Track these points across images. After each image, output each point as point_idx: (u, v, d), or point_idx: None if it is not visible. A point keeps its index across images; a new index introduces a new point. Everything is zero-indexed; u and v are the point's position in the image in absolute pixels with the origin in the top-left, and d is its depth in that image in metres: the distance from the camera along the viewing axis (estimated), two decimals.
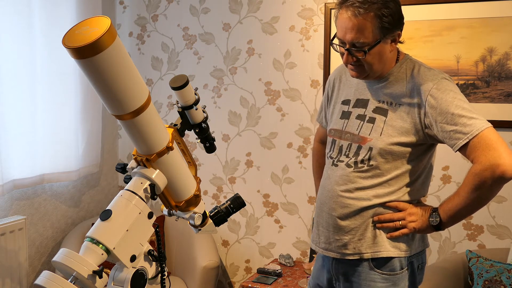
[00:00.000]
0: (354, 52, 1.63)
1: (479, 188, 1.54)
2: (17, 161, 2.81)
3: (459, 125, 1.56)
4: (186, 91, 1.39)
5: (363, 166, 1.71)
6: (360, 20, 1.58)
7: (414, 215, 1.69)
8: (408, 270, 1.74)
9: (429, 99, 1.60)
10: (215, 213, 1.55)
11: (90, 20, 1.11)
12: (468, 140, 1.55)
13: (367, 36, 1.60)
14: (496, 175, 1.50)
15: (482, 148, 1.53)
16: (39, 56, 2.89)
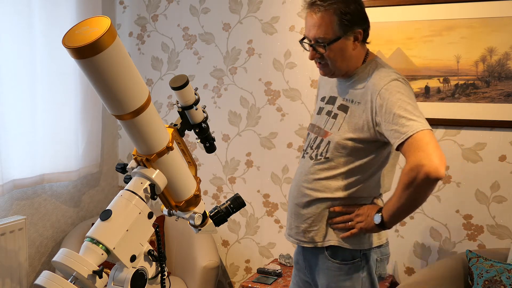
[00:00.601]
0: (317, 47, 1.75)
1: (408, 187, 1.61)
2: (17, 161, 2.81)
3: (398, 125, 1.63)
4: (186, 91, 1.40)
5: (321, 158, 1.82)
6: (320, 17, 1.72)
7: (361, 216, 1.77)
8: (362, 261, 1.81)
9: (378, 98, 1.69)
10: (215, 213, 1.55)
11: (90, 20, 1.11)
12: (404, 140, 1.62)
13: (328, 32, 1.72)
14: (420, 175, 1.57)
15: (413, 149, 1.60)
16: (39, 56, 2.89)
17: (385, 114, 1.66)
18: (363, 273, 1.81)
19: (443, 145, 2.83)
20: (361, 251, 1.81)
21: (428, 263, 2.92)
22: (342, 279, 1.80)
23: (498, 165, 2.72)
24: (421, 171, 1.56)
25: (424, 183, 1.58)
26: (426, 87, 2.83)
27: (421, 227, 2.92)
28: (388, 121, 1.65)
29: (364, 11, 1.78)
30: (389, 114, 1.65)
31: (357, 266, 1.81)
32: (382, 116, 1.67)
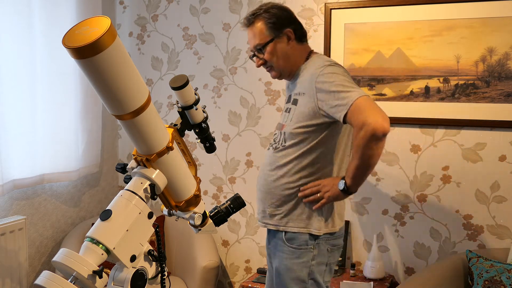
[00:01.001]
0: (258, 54, 2.02)
1: (360, 147, 1.79)
2: (17, 161, 2.81)
3: (340, 99, 1.82)
4: (186, 91, 1.40)
5: (279, 147, 2.05)
6: (252, 28, 2.00)
7: (327, 186, 1.95)
8: (314, 249, 1.98)
9: (316, 84, 1.89)
10: (215, 213, 1.55)
11: (90, 20, 1.11)
12: (347, 110, 1.79)
13: (261, 38, 1.99)
14: (368, 133, 1.75)
15: (356, 113, 1.77)
16: (39, 56, 2.89)
17: (326, 95, 1.86)
18: (313, 261, 1.97)
19: (443, 145, 2.83)
20: (315, 239, 1.97)
21: (428, 263, 2.92)
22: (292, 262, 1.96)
23: (498, 165, 2.72)
24: (368, 129, 1.74)
25: (373, 139, 1.75)
26: (426, 87, 2.83)
27: (421, 227, 2.92)
28: (330, 100, 1.85)
29: (290, 14, 2.04)
30: (329, 94, 1.85)
31: (308, 253, 1.96)
32: (323, 98, 1.87)
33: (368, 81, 2.95)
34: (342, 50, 2.99)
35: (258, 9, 2.02)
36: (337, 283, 2.81)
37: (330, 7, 2.97)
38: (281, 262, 1.98)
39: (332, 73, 1.87)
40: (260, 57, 2.02)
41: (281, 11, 2.02)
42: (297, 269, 1.95)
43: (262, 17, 2.00)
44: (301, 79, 2.01)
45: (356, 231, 3.08)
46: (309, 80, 1.93)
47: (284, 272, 1.97)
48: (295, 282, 1.95)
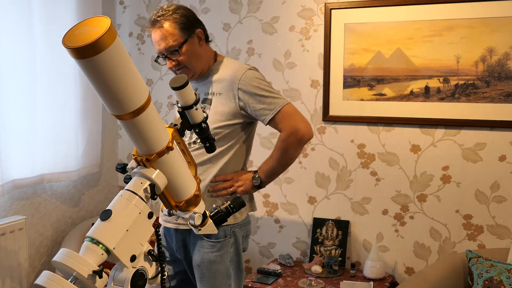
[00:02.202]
0: (171, 56, 1.98)
1: (287, 150, 1.99)
2: (17, 161, 2.80)
3: (266, 103, 1.96)
4: (186, 91, 1.40)
5: (195, 145, 2.04)
6: (165, 30, 1.95)
7: (240, 180, 2.04)
8: (231, 238, 2.03)
9: (240, 87, 1.96)
10: (215, 213, 1.55)
11: (90, 20, 1.11)
12: (274, 114, 1.96)
13: (175, 39, 1.95)
14: (297, 138, 1.96)
15: (285, 119, 1.96)
16: (39, 56, 2.89)
17: (250, 98, 1.96)
18: (231, 248, 2.04)
19: (443, 145, 2.83)
20: (231, 228, 2.02)
21: (428, 263, 2.92)
22: (214, 255, 2.01)
23: (498, 165, 2.72)
24: (298, 134, 1.96)
25: (301, 144, 1.99)
26: (426, 87, 2.83)
27: (421, 227, 2.92)
28: (254, 103, 1.96)
29: (195, 15, 2.05)
30: (254, 97, 1.96)
31: (227, 243, 2.02)
32: (247, 100, 1.96)
33: (368, 81, 2.95)
34: (342, 50, 2.99)
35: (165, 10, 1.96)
36: (337, 283, 2.82)
37: (330, 7, 2.97)
38: (203, 257, 2.01)
39: (256, 77, 1.99)
40: (174, 58, 1.98)
41: (188, 11, 2.01)
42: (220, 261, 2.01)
43: (172, 18, 1.96)
44: (215, 79, 2.03)
45: (356, 231, 3.08)
46: (229, 81, 1.98)
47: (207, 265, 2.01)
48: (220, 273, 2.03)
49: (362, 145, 3.01)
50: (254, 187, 2.06)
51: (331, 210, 3.13)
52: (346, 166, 3.07)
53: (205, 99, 2.05)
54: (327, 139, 3.10)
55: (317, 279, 2.82)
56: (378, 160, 2.98)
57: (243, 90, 1.97)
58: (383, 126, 2.95)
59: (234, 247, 2.05)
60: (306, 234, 3.22)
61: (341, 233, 3.07)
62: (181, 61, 1.98)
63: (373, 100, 2.95)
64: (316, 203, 3.17)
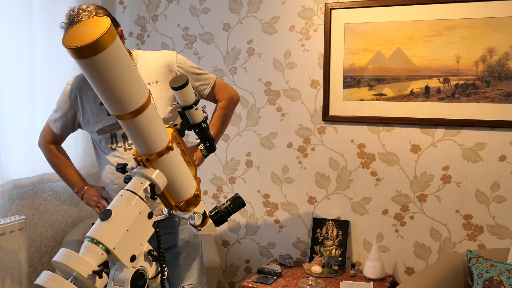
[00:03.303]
0: None
1: (227, 115, 2.29)
2: (17, 161, 2.80)
3: (202, 80, 2.19)
4: (186, 91, 1.40)
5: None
6: None
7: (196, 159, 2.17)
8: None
9: (178, 69, 2.12)
10: (215, 213, 1.55)
11: (90, 20, 1.11)
12: (211, 88, 2.21)
13: None
14: (234, 102, 2.31)
15: (221, 89, 2.25)
16: (39, 56, 2.89)
17: (190, 77, 2.13)
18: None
19: (443, 145, 2.83)
20: None
21: (428, 263, 2.92)
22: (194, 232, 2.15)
23: (498, 165, 2.72)
24: (234, 99, 2.30)
25: (235, 106, 2.32)
26: (426, 87, 2.83)
27: (421, 227, 2.92)
28: (193, 81, 2.15)
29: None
30: (192, 76, 2.15)
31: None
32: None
33: (368, 81, 2.95)
34: (342, 50, 2.99)
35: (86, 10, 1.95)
36: (337, 283, 2.81)
37: (330, 7, 2.97)
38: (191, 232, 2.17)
39: (187, 59, 2.19)
40: None
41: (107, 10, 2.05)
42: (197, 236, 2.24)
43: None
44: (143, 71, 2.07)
45: (356, 231, 3.08)
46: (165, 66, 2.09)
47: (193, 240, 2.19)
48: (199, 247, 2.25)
49: (362, 145, 3.01)
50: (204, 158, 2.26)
51: (331, 210, 3.13)
52: (346, 166, 3.07)
53: None
54: (327, 139, 3.09)
55: (317, 279, 2.82)
56: (378, 160, 2.98)
57: (181, 71, 2.13)
58: (383, 126, 2.95)
59: None
60: (306, 234, 3.21)
61: (341, 233, 3.07)
62: None
63: (373, 100, 2.95)
64: (316, 203, 3.17)
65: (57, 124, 2.27)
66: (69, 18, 1.93)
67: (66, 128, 2.28)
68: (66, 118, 2.24)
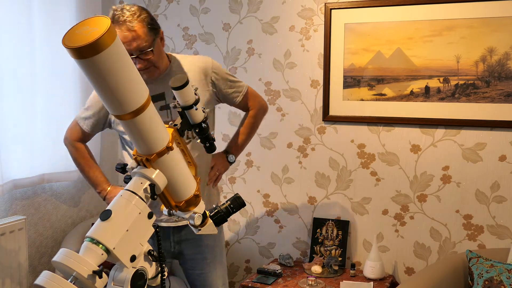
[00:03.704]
0: (143, 56, 1.99)
1: (256, 124, 2.36)
2: (17, 161, 2.80)
3: (235, 87, 2.22)
4: (186, 91, 1.40)
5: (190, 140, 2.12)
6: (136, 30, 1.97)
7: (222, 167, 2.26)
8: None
9: (213, 75, 2.15)
10: (215, 213, 1.55)
11: (90, 20, 1.11)
12: (243, 96, 2.24)
13: (146, 40, 1.98)
14: (263, 112, 2.37)
15: (252, 98, 2.29)
16: (39, 56, 2.89)
17: (224, 83, 2.17)
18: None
19: (443, 145, 2.83)
20: None
21: (428, 263, 2.92)
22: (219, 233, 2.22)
23: (498, 165, 2.72)
24: (264, 109, 2.36)
25: (263, 116, 2.38)
26: (426, 87, 2.83)
27: (421, 227, 2.92)
28: (227, 88, 2.19)
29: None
30: (226, 82, 2.19)
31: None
32: (220, 86, 2.16)
33: (368, 81, 2.95)
34: (342, 50, 2.99)
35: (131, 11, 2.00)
36: (337, 283, 2.81)
37: (330, 7, 2.97)
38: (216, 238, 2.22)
39: (220, 66, 2.22)
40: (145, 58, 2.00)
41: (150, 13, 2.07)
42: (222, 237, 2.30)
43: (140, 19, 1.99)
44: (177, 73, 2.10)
45: (356, 231, 3.08)
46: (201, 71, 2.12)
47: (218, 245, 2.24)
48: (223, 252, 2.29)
49: (362, 145, 3.01)
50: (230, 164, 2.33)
51: (331, 210, 3.13)
52: (346, 166, 3.07)
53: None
54: (327, 139, 3.09)
55: (317, 279, 2.82)
56: (378, 160, 2.98)
57: (217, 77, 2.15)
58: (383, 126, 2.95)
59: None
60: (306, 234, 3.21)
61: (341, 233, 3.07)
62: (151, 61, 2.00)
63: (373, 100, 2.95)
64: (316, 203, 3.17)
65: (87, 122, 2.28)
66: (112, 17, 2.00)
67: (96, 126, 2.28)
68: (98, 117, 2.24)
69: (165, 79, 2.08)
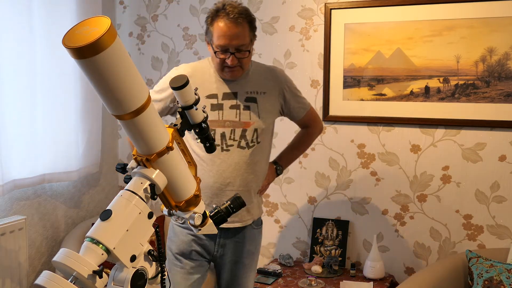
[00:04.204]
0: (239, 55, 2.02)
1: (309, 142, 2.42)
2: (17, 161, 2.80)
3: (301, 103, 2.25)
4: (186, 91, 1.39)
5: (253, 144, 2.12)
6: (241, 28, 2.00)
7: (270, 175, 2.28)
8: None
9: (285, 87, 2.17)
10: (215, 213, 1.55)
11: (90, 20, 1.11)
12: (305, 112, 2.27)
13: (247, 40, 2.02)
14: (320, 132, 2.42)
15: (313, 117, 2.33)
16: (39, 56, 2.89)
17: (292, 97, 2.20)
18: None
19: (443, 145, 2.83)
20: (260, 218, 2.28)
21: (428, 263, 2.92)
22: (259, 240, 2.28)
23: (498, 165, 2.72)
24: (320, 130, 2.41)
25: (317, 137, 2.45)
26: (426, 87, 2.83)
27: (421, 227, 2.92)
28: (294, 102, 2.21)
29: None
30: (295, 97, 2.21)
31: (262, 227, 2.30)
32: (289, 99, 2.18)
33: (368, 81, 2.95)
34: (342, 50, 2.99)
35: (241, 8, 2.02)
36: (337, 283, 2.82)
37: (330, 7, 2.97)
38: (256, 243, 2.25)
39: (291, 80, 2.24)
40: (239, 57, 2.02)
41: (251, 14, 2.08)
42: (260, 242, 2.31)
43: (248, 20, 2.02)
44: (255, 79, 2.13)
45: (356, 231, 3.08)
46: (275, 81, 2.15)
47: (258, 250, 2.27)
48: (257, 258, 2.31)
49: (362, 145, 3.01)
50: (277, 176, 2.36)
51: (331, 210, 3.13)
52: (346, 166, 3.07)
53: (248, 98, 2.12)
54: (327, 139, 3.10)
55: (317, 279, 2.82)
56: (378, 160, 2.98)
57: (287, 89, 2.18)
58: (383, 126, 2.96)
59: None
60: (306, 234, 3.22)
61: (341, 233, 3.07)
62: (242, 61, 2.03)
63: (373, 100, 2.96)
64: (316, 203, 3.17)
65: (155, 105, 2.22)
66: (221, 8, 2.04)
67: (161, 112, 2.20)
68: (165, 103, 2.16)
69: (240, 81, 2.12)
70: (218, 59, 2.05)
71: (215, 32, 2.04)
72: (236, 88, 2.10)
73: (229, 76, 2.07)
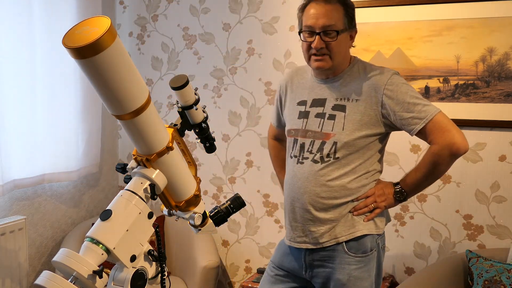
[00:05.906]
0: (325, 37, 1.82)
1: (438, 164, 1.82)
2: (17, 161, 2.81)
3: (416, 112, 1.80)
4: (186, 91, 1.40)
5: (329, 159, 1.87)
6: (331, 7, 1.81)
7: (382, 195, 1.89)
8: (376, 251, 1.91)
9: (386, 92, 1.81)
10: (215, 213, 1.55)
11: (90, 20, 1.11)
12: (424, 124, 1.80)
13: (338, 22, 1.82)
14: (452, 152, 1.78)
15: (438, 131, 1.78)
16: (39, 56, 2.89)
17: (398, 105, 1.80)
18: (375, 262, 1.91)
19: None
20: (376, 240, 1.89)
21: (428, 263, 2.92)
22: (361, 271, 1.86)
23: (498, 165, 2.72)
24: (453, 148, 1.77)
25: (454, 158, 1.80)
26: (426, 87, 2.83)
27: (421, 227, 2.92)
28: (402, 111, 1.80)
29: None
30: (402, 104, 1.80)
31: (373, 257, 1.89)
32: (393, 108, 1.81)
33: None
34: None
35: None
36: None
37: None
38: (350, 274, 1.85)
39: (402, 83, 1.82)
40: (325, 39, 1.81)
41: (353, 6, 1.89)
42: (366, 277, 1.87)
43: (344, 4, 1.84)
44: (349, 84, 1.88)
45: None
46: (371, 85, 1.83)
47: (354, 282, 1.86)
48: None
49: None
50: (397, 201, 1.90)
51: None
52: None
53: (337, 105, 1.88)
54: None
55: None
56: None
57: (388, 96, 1.81)
58: None
59: (377, 260, 1.91)
60: None
61: None
62: (330, 46, 1.82)
63: None
64: None
65: (272, 115, 2.23)
66: None
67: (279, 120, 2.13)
68: (277, 111, 2.15)
69: (333, 84, 1.91)
70: (305, 45, 1.88)
71: (305, 16, 1.86)
72: (326, 94, 1.91)
73: (316, 65, 1.87)
